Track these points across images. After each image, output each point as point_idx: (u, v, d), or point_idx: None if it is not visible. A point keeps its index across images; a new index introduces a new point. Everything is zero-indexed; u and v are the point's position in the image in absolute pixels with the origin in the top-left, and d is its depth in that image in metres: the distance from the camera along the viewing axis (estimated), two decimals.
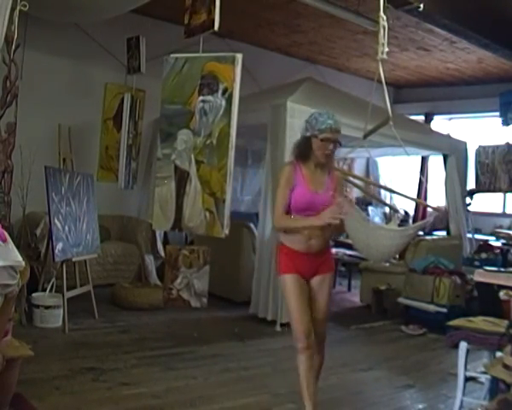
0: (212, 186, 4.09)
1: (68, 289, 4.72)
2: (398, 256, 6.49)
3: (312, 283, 3.08)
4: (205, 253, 4.48)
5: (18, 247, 2.45)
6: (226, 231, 4.02)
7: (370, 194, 8.71)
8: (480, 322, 3.27)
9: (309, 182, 2.98)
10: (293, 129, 5.22)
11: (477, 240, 7.49)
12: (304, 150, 3.01)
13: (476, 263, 6.47)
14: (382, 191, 9.36)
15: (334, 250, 7.51)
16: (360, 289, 6.68)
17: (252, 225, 6.03)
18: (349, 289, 7.49)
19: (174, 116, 4.28)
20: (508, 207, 8.87)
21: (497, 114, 8.35)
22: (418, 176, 8.81)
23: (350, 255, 7.23)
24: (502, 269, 4.88)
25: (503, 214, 8.85)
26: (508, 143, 7.73)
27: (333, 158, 3.05)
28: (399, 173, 9.45)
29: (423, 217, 8.67)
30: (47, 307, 4.67)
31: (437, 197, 8.69)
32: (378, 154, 7.87)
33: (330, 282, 3.17)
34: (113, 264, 6.18)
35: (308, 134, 2.99)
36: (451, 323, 3.39)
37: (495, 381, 2.91)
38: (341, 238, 8.32)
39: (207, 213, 4.12)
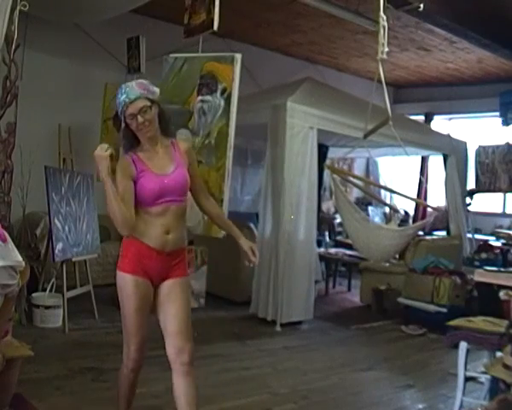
0: (211, 186, 4.09)
1: (68, 289, 4.72)
2: (398, 256, 6.50)
3: (161, 289, 2.52)
4: (203, 253, 4.48)
5: (18, 247, 2.45)
6: (224, 232, 4.02)
7: (370, 194, 8.71)
8: (480, 322, 3.27)
9: (151, 166, 2.46)
10: (293, 129, 5.23)
11: (477, 240, 7.50)
12: (128, 138, 2.49)
13: (476, 263, 6.47)
14: (382, 191, 9.36)
15: (333, 250, 7.53)
16: (360, 289, 6.68)
17: (252, 225, 6.03)
18: (349, 289, 7.49)
19: (173, 116, 4.27)
20: (508, 207, 8.87)
21: (497, 114, 8.37)
22: (418, 176, 8.81)
23: (350, 255, 7.23)
24: (502, 269, 4.88)
25: (503, 214, 8.85)
26: (508, 143, 7.74)
27: (164, 125, 2.54)
28: (399, 173, 9.46)
29: (423, 217, 8.67)
30: (47, 307, 4.66)
31: (437, 197, 8.69)
32: (378, 154, 7.88)
33: (186, 288, 2.59)
34: (113, 264, 6.15)
35: (122, 120, 2.46)
36: (451, 323, 3.39)
37: (495, 381, 2.91)
38: (341, 238, 8.35)
39: None
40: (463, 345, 3.24)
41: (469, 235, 7.41)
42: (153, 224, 2.45)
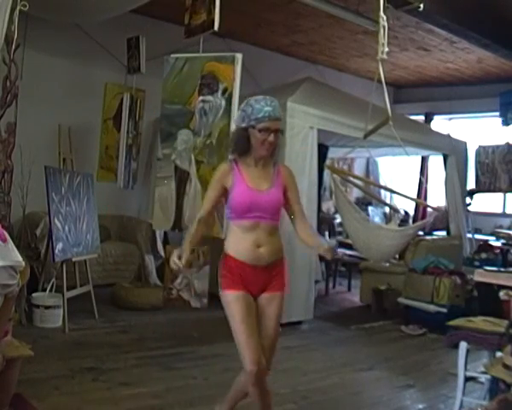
0: None
1: (68, 290, 4.72)
2: (398, 256, 6.49)
3: (259, 301, 2.60)
4: (205, 253, 4.48)
5: (18, 247, 2.45)
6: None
7: (370, 194, 8.71)
8: (480, 322, 3.27)
9: (248, 179, 2.54)
10: (293, 129, 5.23)
11: (477, 240, 7.49)
12: (241, 145, 2.56)
13: (476, 263, 6.47)
14: (382, 191, 9.36)
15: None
16: (360, 289, 6.68)
17: None
18: (349, 289, 7.49)
19: (174, 116, 4.28)
20: (508, 207, 8.87)
21: (497, 114, 8.36)
22: (418, 176, 8.81)
23: (350, 255, 7.23)
24: (502, 269, 4.89)
25: (503, 214, 8.85)
26: (508, 143, 7.74)
27: (276, 151, 2.61)
28: (399, 173, 9.45)
29: (423, 217, 8.67)
30: (47, 307, 4.66)
31: (437, 197, 8.69)
32: (378, 154, 7.87)
33: (280, 303, 2.61)
34: (113, 264, 6.17)
35: (244, 125, 2.55)
36: (451, 323, 3.39)
37: (495, 381, 2.91)
38: (341, 238, 8.35)
39: None
40: (463, 345, 3.24)
41: (469, 235, 7.41)
42: (244, 239, 2.54)
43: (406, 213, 9.06)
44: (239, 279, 2.54)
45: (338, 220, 8.42)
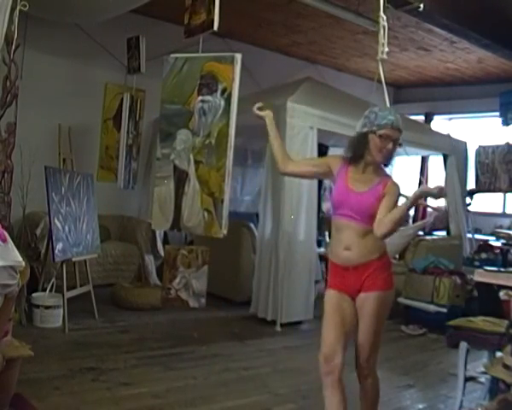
0: (211, 186, 4.09)
1: (68, 289, 4.72)
2: (398, 256, 6.49)
3: (357, 302, 2.66)
4: (203, 253, 4.47)
5: (18, 247, 2.45)
6: (224, 231, 4.01)
7: None
8: (480, 322, 3.27)
9: (350, 180, 2.63)
10: (293, 129, 5.23)
11: (477, 240, 7.50)
12: (358, 148, 2.65)
13: (476, 263, 6.47)
14: None
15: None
16: None
17: (252, 225, 6.03)
18: None
19: (173, 116, 4.27)
20: (508, 207, 8.87)
21: (497, 114, 8.36)
22: (418, 176, 8.81)
23: None
24: (502, 269, 4.88)
25: (503, 214, 8.84)
26: (508, 143, 7.74)
27: (390, 160, 2.65)
28: (399, 173, 9.44)
29: (423, 217, 8.67)
30: (47, 307, 4.67)
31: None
32: None
33: (376, 304, 2.61)
34: (113, 264, 6.17)
35: (365, 130, 2.64)
36: (451, 323, 3.39)
37: (495, 381, 2.91)
38: None
39: (206, 213, 4.11)
40: (463, 345, 3.24)
41: (469, 235, 7.41)
42: (336, 240, 2.67)
43: None
44: (332, 279, 2.70)
45: None
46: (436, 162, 8.25)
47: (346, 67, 8.91)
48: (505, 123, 8.26)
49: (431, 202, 3.17)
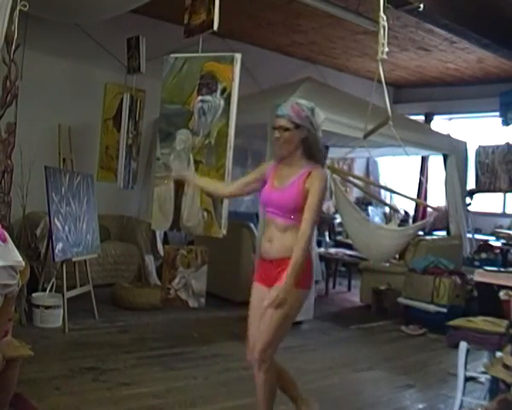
0: None
1: (68, 289, 4.72)
2: (398, 256, 6.49)
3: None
4: (203, 253, 4.47)
5: (18, 247, 2.45)
6: (224, 232, 4.01)
7: (370, 194, 8.71)
8: (480, 322, 3.27)
9: (275, 177, 2.71)
10: None
11: (477, 240, 7.49)
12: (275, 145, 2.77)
13: (476, 263, 6.47)
14: (382, 191, 9.36)
15: (333, 250, 7.52)
16: (360, 289, 6.69)
17: (252, 225, 6.03)
18: (349, 289, 7.49)
19: (173, 116, 4.27)
20: (508, 207, 8.87)
21: (497, 114, 8.36)
22: (418, 176, 8.81)
23: (350, 255, 7.23)
24: (502, 269, 4.89)
25: (503, 214, 8.85)
26: (508, 143, 7.74)
27: (292, 151, 2.66)
28: (399, 173, 9.45)
29: (423, 217, 8.67)
30: (47, 307, 4.66)
31: (437, 197, 8.69)
32: (378, 154, 7.87)
33: (279, 295, 2.56)
34: (113, 264, 6.17)
35: None
36: (451, 323, 3.39)
37: (495, 381, 2.91)
38: (341, 238, 8.35)
39: (205, 213, 4.11)
40: (463, 345, 3.24)
41: (469, 235, 7.40)
42: (263, 234, 2.77)
43: (406, 213, 9.06)
44: (256, 271, 2.80)
45: (338, 220, 8.42)
46: (436, 162, 8.25)
47: (347, 67, 8.91)
48: (505, 123, 8.26)
49: (431, 202, 3.18)
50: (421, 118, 9.43)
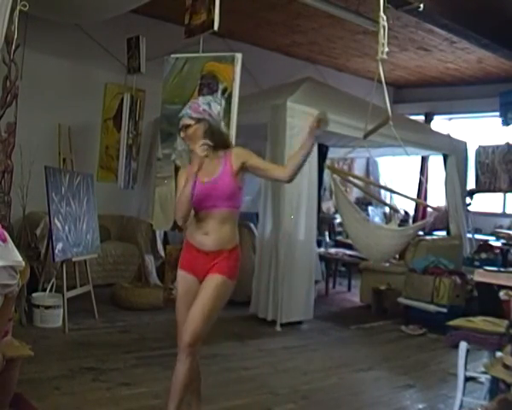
0: None
1: (68, 289, 4.72)
2: (398, 256, 6.50)
3: (202, 283, 2.72)
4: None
5: (18, 247, 2.45)
6: None
7: (370, 194, 8.71)
8: (480, 322, 3.27)
9: (201, 175, 2.71)
10: (293, 129, 5.23)
11: (477, 240, 7.49)
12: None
13: (476, 263, 6.46)
14: (382, 191, 9.36)
15: (333, 250, 7.52)
16: (360, 289, 6.69)
17: (252, 225, 6.03)
18: (349, 289, 7.49)
19: (174, 116, 4.26)
20: (508, 207, 8.87)
21: (497, 114, 8.36)
22: (418, 176, 8.81)
23: (350, 255, 7.23)
24: (502, 269, 4.88)
25: (503, 214, 8.85)
26: (508, 143, 7.74)
27: (213, 135, 2.74)
28: (399, 173, 9.46)
29: (423, 217, 8.67)
30: (47, 307, 4.66)
31: (437, 197, 8.69)
32: (378, 154, 7.87)
33: (215, 284, 2.65)
34: (113, 264, 6.17)
35: None
36: (451, 323, 3.39)
37: (495, 381, 2.91)
38: (341, 238, 8.35)
39: None
40: (463, 345, 3.24)
41: (469, 235, 7.41)
42: (196, 226, 2.73)
43: (406, 213, 9.06)
44: (186, 260, 2.77)
45: (338, 220, 8.43)
46: (436, 162, 8.25)
47: (347, 67, 8.92)
48: (505, 123, 8.26)
49: (431, 202, 3.19)
50: (421, 118, 9.43)
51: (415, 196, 8.56)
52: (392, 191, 8.44)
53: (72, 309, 4.77)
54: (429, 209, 8.44)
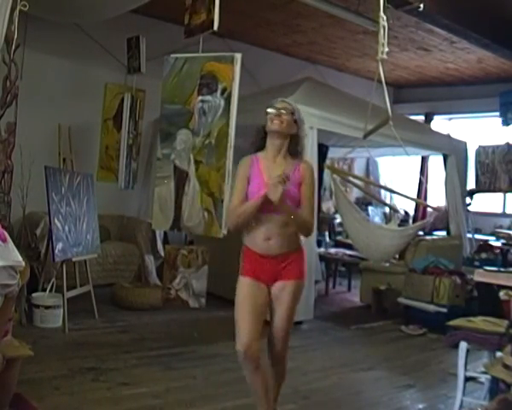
0: (211, 186, 4.09)
1: (68, 290, 4.72)
2: (398, 256, 6.49)
3: (273, 290, 2.76)
4: (203, 253, 4.48)
5: (18, 247, 2.45)
6: (224, 231, 4.02)
7: (370, 194, 8.71)
8: (480, 322, 3.27)
9: (265, 173, 2.71)
10: None
11: (477, 240, 7.49)
12: (256, 139, 2.84)
13: (476, 263, 6.47)
14: (382, 191, 9.36)
15: (333, 250, 7.52)
16: (360, 289, 6.68)
17: None
18: (349, 289, 7.49)
19: (174, 116, 4.28)
20: (508, 207, 8.87)
21: (497, 114, 8.36)
22: (418, 176, 8.81)
23: (350, 255, 7.23)
24: (502, 269, 4.88)
25: (503, 214, 8.85)
26: (508, 143, 7.74)
27: (285, 137, 2.75)
28: (399, 173, 9.45)
29: (423, 217, 8.66)
30: (47, 307, 4.66)
31: (437, 197, 8.69)
32: (378, 154, 7.87)
33: (293, 292, 2.75)
34: (113, 264, 6.17)
35: (263, 123, 2.82)
36: (451, 323, 3.39)
37: (495, 381, 2.91)
38: (341, 238, 8.34)
39: (206, 213, 4.12)
40: (463, 345, 3.24)
41: (469, 235, 7.40)
42: (256, 230, 2.70)
43: (406, 213, 9.06)
44: (250, 268, 2.73)
45: (338, 220, 8.42)
46: (436, 162, 8.25)
47: (346, 67, 8.91)
48: (505, 123, 8.27)
49: (431, 202, 3.21)
50: (421, 118, 9.43)
51: (415, 196, 8.56)
52: (392, 191, 8.44)
53: (72, 309, 4.77)
54: (429, 209, 8.44)
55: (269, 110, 2.75)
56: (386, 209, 9.27)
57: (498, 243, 7.30)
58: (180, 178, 4.24)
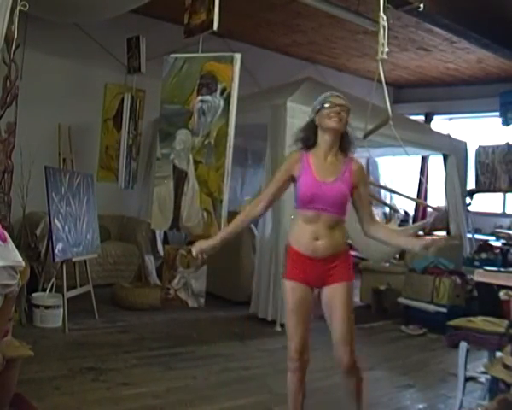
0: (210, 186, 4.09)
1: (68, 290, 4.72)
2: (398, 256, 6.49)
3: (323, 295, 2.70)
4: (203, 253, 4.46)
5: (18, 247, 2.45)
6: None
7: (370, 194, 8.68)
8: (480, 322, 3.27)
9: (316, 171, 2.59)
10: (293, 129, 5.20)
11: (477, 240, 7.49)
12: (308, 135, 2.67)
13: (476, 263, 6.46)
14: (382, 191, 9.35)
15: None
16: (360, 289, 6.67)
17: (252, 225, 6.02)
18: None
19: (173, 116, 4.28)
20: (508, 207, 8.87)
21: (497, 114, 8.36)
22: (418, 176, 8.81)
23: None
24: (502, 269, 4.88)
25: (503, 214, 8.85)
26: (508, 143, 7.74)
27: (338, 135, 2.68)
28: (399, 173, 9.45)
29: (423, 217, 8.66)
30: (47, 307, 4.66)
31: (437, 197, 8.69)
32: (378, 154, 7.87)
33: (347, 292, 2.75)
34: (113, 264, 6.17)
35: (312, 116, 2.67)
36: (451, 323, 3.39)
37: (495, 381, 2.91)
38: None
39: (205, 213, 4.12)
40: (463, 345, 3.24)
41: (469, 235, 7.40)
42: (304, 230, 2.59)
43: (406, 213, 9.05)
44: (296, 270, 2.62)
45: None
46: (436, 162, 8.25)
47: (346, 67, 8.91)
48: (505, 123, 8.27)
49: (431, 202, 3.21)
50: (421, 118, 9.43)
51: (415, 196, 8.56)
52: (392, 191, 8.44)
53: (72, 309, 4.77)
54: (429, 209, 8.43)
55: (326, 105, 2.61)
56: (387, 209, 9.26)
57: (498, 243, 7.30)
58: (179, 178, 4.24)
